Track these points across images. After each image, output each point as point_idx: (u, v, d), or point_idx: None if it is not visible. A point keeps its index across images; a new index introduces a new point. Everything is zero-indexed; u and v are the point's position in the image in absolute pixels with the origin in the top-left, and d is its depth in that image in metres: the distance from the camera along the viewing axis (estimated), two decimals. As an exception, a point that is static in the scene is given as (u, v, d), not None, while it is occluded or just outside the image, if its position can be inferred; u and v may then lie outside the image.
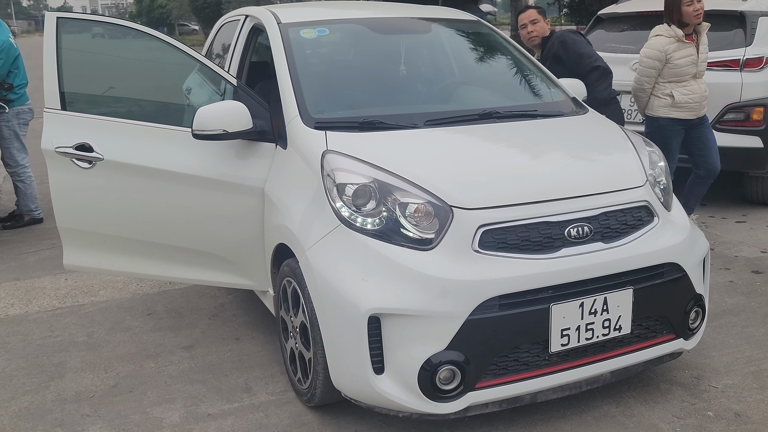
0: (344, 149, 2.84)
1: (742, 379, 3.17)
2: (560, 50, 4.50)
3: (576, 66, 4.41)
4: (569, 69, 4.38)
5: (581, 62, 4.44)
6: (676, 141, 4.82)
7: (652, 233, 2.79)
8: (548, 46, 4.61)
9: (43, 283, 4.58)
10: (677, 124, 4.75)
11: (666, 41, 4.60)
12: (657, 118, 4.79)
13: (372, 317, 2.47)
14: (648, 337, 2.84)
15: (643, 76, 4.75)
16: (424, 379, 2.48)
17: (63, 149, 3.35)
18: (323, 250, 2.67)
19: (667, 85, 4.70)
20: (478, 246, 2.53)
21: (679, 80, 4.66)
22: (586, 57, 4.46)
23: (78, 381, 3.31)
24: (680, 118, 4.72)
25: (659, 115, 4.77)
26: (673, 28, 4.59)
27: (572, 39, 4.55)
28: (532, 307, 2.54)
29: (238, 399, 3.11)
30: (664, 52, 4.60)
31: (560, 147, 3.07)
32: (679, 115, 4.71)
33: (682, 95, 4.66)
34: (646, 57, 4.68)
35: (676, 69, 4.62)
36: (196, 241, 3.45)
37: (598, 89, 4.38)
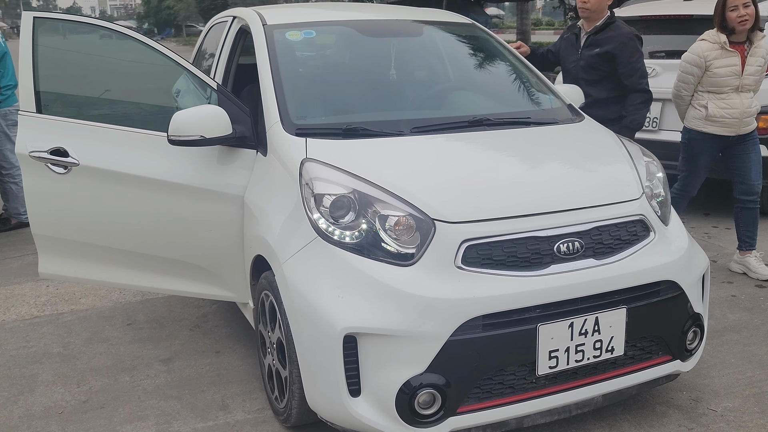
0: (324, 157, 2.70)
1: (743, 402, 3.01)
2: (619, 51, 4.07)
3: (625, 77, 4.09)
4: (610, 74, 4.11)
5: (633, 77, 4.10)
6: (704, 158, 4.41)
7: (648, 249, 2.64)
8: (607, 35, 4.11)
9: (24, 290, 4.46)
10: (710, 140, 4.34)
11: (708, 47, 4.23)
12: (690, 130, 4.43)
13: (348, 336, 2.33)
14: (642, 358, 2.68)
15: (681, 82, 4.39)
16: (402, 403, 2.34)
17: (37, 154, 3.22)
18: (299, 264, 2.53)
19: (704, 95, 4.30)
20: (462, 262, 2.39)
21: (718, 91, 4.25)
22: (640, 75, 4.12)
23: (48, 395, 3.18)
24: (713, 134, 4.30)
25: (692, 127, 4.39)
26: (718, 34, 4.22)
27: (636, 48, 4.13)
28: (519, 328, 2.39)
29: (213, 417, 2.97)
30: (704, 59, 4.22)
31: (552, 157, 2.93)
32: (712, 130, 4.29)
33: (717, 108, 4.24)
34: (685, 61, 4.33)
35: (715, 78, 4.22)
36: (174, 250, 3.31)
37: (638, 114, 4.11)
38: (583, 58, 4.21)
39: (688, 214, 5.83)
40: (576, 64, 4.26)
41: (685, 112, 4.49)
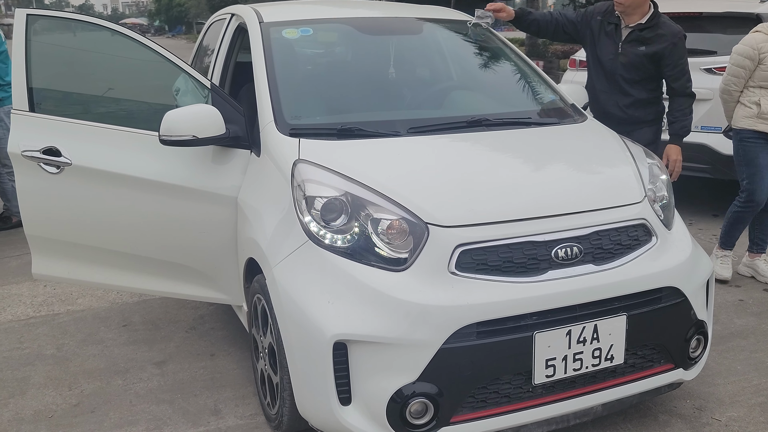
0: (317, 159, 2.63)
1: (748, 411, 2.93)
2: (668, 52, 3.76)
3: (673, 80, 3.81)
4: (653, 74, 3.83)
5: (681, 80, 3.82)
6: (764, 157, 4.13)
7: (650, 254, 2.56)
8: (655, 33, 3.76)
9: (21, 290, 4.42)
10: (763, 138, 4.12)
11: (762, 38, 4.01)
12: (740, 130, 4.19)
13: (338, 343, 2.26)
14: (644, 367, 2.60)
15: (731, 76, 4.16)
16: (394, 413, 2.27)
17: (30, 153, 3.17)
18: (290, 268, 2.47)
19: (755, 91, 4.10)
20: (455, 267, 2.31)
21: None
22: (688, 78, 3.85)
23: (39, 398, 3.13)
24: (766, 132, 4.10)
25: (742, 127, 4.16)
26: None
27: (685, 49, 3.85)
28: (514, 335, 2.31)
29: (205, 422, 2.92)
30: (758, 50, 4.00)
31: (551, 159, 2.84)
32: (765, 128, 4.09)
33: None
34: (737, 54, 4.10)
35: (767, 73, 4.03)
36: (168, 252, 3.26)
37: (687, 119, 3.86)
38: (626, 55, 3.81)
39: (695, 216, 5.74)
40: (614, 60, 3.85)
41: (733, 110, 4.27)
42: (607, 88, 3.92)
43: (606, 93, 3.93)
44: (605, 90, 3.94)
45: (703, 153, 5.39)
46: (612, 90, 3.91)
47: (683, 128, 3.91)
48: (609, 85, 3.91)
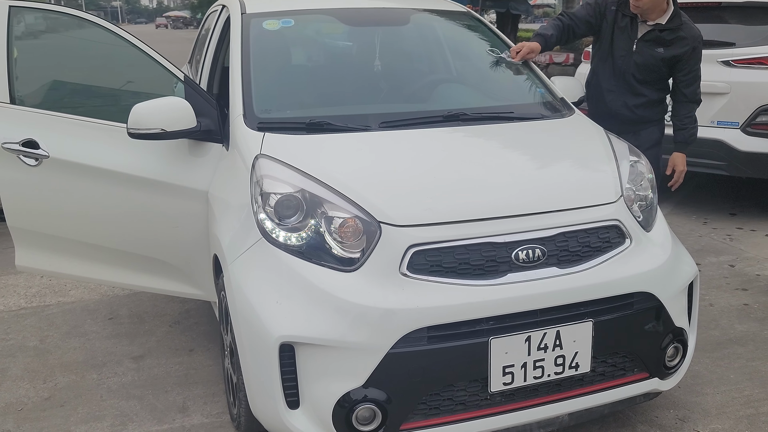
0: (279, 154, 2.56)
1: (735, 423, 2.77)
2: (687, 57, 3.56)
3: (685, 85, 3.61)
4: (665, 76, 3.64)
5: (693, 86, 3.64)
6: None
7: (621, 258, 2.42)
8: (676, 36, 3.53)
9: (18, 281, 4.45)
10: None
11: None
12: None
13: (284, 345, 2.19)
14: (615, 375, 2.47)
15: None
16: (340, 418, 2.19)
17: (9, 145, 3.17)
18: (244, 266, 2.41)
19: None
20: (407, 269, 2.21)
21: None
22: (699, 84, 3.67)
23: (13, 391, 3.14)
24: None
25: None
26: None
27: (701, 54, 3.65)
28: (468, 341, 2.21)
29: (170, 420, 2.88)
30: None
31: (524, 155, 2.72)
32: None
33: None
34: None
35: None
36: (143, 246, 3.23)
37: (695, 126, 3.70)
38: (641, 54, 3.58)
39: (711, 214, 5.52)
40: (627, 57, 3.61)
41: None
42: (614, 86, 3.67)
43: (613, 92, 3.68)
44: (612, 89, 3.68)
45: (718, 149, 5.17)
46: (620, 89, 3.66)
47: (692, 136, 3.74)
48: (617, 84, 3.66)
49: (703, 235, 5.07)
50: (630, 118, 3.68)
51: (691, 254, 4.51)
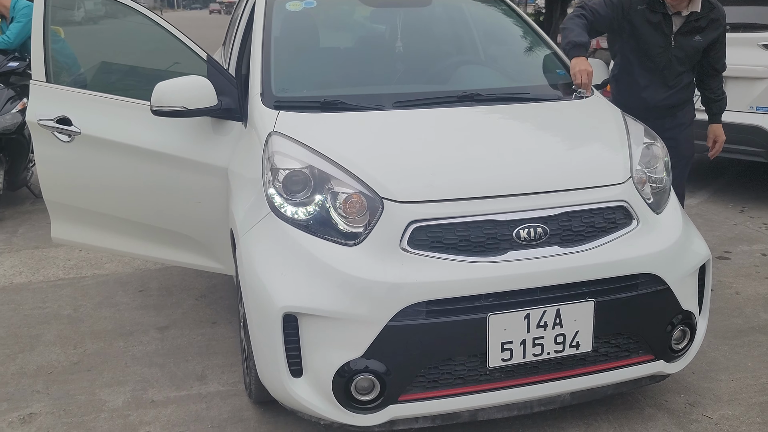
0: (291, 131, 2.62)
1: (746, 410, 2.74)
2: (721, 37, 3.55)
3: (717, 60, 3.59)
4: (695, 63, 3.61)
5: (722, 59, 3.63)
6: None
7: (626, 239, 2.42)
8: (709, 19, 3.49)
9: (58, 253, 4.65)
10: None
11: None
12: None
13: (287, 315, 2.27)
14: (618, 356, 2.47)
15: None
16: (339, 387, 2.26)
17: (45, 122, 3.32)
18: (253, 239, 2.48)
19: None
20: (408, 244, 2.26)
21: None
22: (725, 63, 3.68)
23: (45, 355, 3.30)
24: None
25: None
26: None
27: None
28: (466, 316, 2.24)
29: (188, 387, 3.00)
30: None
31: (534, 135, 2.73)
32: None
33: None
34: None
35: None
36: (167, 220, 3.35)
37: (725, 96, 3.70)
38: (681, 48, 3.50)
39: (750, 202, 5.39)
40: (665, 53, 3.51)
41: None
42: (650, 82, 3.58)
43: (650, 88, 3.59)
44: (649, 84, 3.58)
45: (757, 136, 5.05)
46: (656, 83, 3.58)
47: (725, 105, 3.76)
48: (653, 79, 3.58)
49: (738, 223, 4.96)
50: (668, 106, 3.64)
51: (723, 242, 4.48)
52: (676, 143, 3.56)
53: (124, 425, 2.74)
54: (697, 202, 5.46)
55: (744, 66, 5.02)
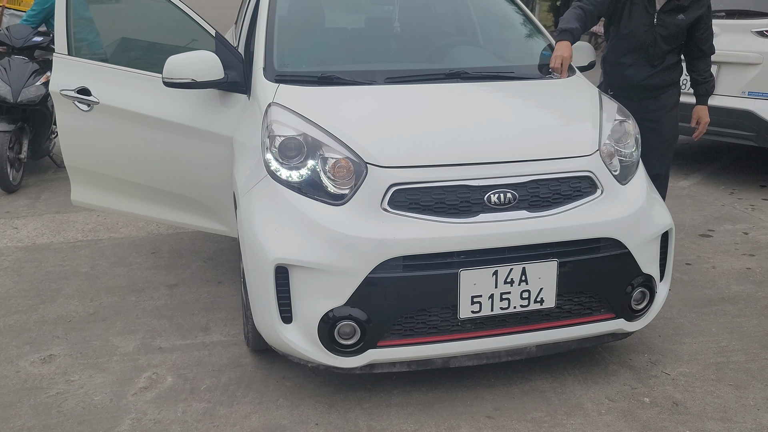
0: (288, 103, 2.86)
1: (703, 369, 2.97)
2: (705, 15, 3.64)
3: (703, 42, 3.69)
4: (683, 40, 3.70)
5: (710, 41, 3.73)
6: None
7: (590, 206, 2.64)
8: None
9: (78, 218, 4.95)
10: None
11: None
12: None
13: (279, 267, 2.52)
14: (581, 313, 2.71)
15: None
16: (324, 332, 2.52)
17: (66, 92, 3.59)
18: (251, 199, 2.74)
19: None
20: (388, 204, 2.50)
21: None
22: (713, 37, 3.77)
23: (64, 306, 3.60)
24: None
25: None
26: None
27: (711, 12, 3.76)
28: (439, 271, 2.49)
29: (193, 337, 3.28)
30: None
31: (510, 109, 2.95)
32: None
33: None
34: None
35: None
36: (177, 185, 3.62)
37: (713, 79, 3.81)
38: (665, 26, 3.60)
39: (741, 185, 5.57)
40: (649, 31, 3.62)
41: None
42: (634, 61, 3.70)
43: (633, 67, 3.71)
44: (632, 63, 3.70)
45: (748, 120, 5.21)
46: (640, 62, 3.70)
47: (712, 87, 3.88)
48: (636, 58, 3.70)
49: (726, 204, 5.15)
50: (652, 86, 3.75)
51: (708, 221, 4.69)
52: (659, 125, 3.75)
53: (134, 367, 3.02)
54: (689, 184, 5.65)
55: (737, 52, 5.19)
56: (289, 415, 2.68)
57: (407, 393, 2.80)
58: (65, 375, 2.96)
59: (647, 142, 3.73)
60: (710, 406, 2.71)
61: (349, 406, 2.72)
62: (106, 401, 2.77)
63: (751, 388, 2.83)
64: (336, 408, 2.72)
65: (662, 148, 3.80)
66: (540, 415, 2.67)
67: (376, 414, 2.68)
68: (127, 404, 2.75)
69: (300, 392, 2.82)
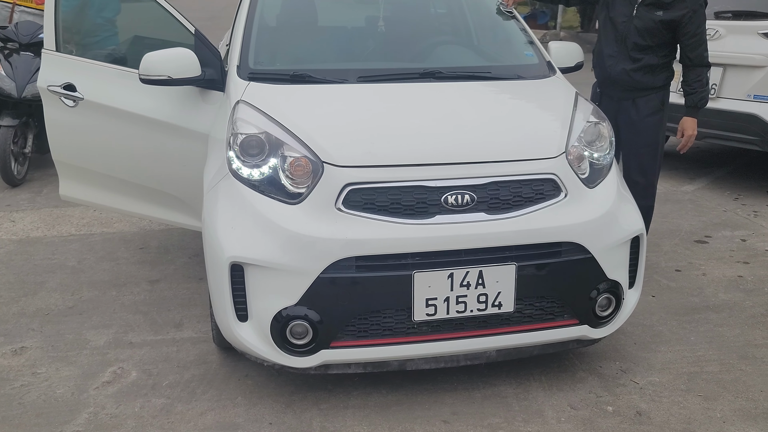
0: (255, 101, 2.86)
1: (673, 378, 2.89)
2: (688, 20, 3.53)
3: (690, 49, 3.59)
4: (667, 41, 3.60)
5: (698, 50, 3.60)
6: None
7: (552, 209, 2.59)
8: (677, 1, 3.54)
9: (74, 212, 5.01)
10: None
11: None
12: None
13: (234, 265, 2.51)
14: (543, 318, 2.66)
15: None
16: (276, 331, 2.51)
17: (53, 88, 3.64)
18: (213, 197, 2.74)
19: None
20: (343, 204, 2.48)
21: None
22: (705, 48, 3.62)
23: (45, 299, 3.64)
24: None
25: None
26: None
27: (705, 17, 3.62)
28: (393, 273, 2.46)
29: (164, 332, 3.29)
30: None
31: (477, 110, 2.90)
32: None
33: None
34: None
35: None
36: (157, 181, 3.64)
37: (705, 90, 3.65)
38: (641, 19, 3.58)
39: (747, 191, 5.43)
40: (628, 23, 3.61)
41: None
42: (615, 52, 3.66)
43: (614, 58, 3.66)
44: (613, 54, 3.66)
45: (753, 124, 5.07)
46: (620, 55, 3.64)
47: (702, 100, 3.69)
48: (618, 50, 3.65)
49: (729, 210, 5.02)
50: (629, 84, 3.66)
51: (706, 227, 4.58)
52: (636, 130, 3.67)
53: (102, 361, 3.04)
54: (693, 188, 5.52)
55: (743, 54, 5.06)
56: (244, 414, 2.67)
57: (367, 395, 2.78)
58: (33, 367, 2.99)
59: (627, 146, 3.67)
60: (674, 417, 2.64)
61: (306, 407, 2.71)
62: (68, 394, 2.79)
63: (721, 399, 2.75)
64: (293, 408, 2.70)
65: (641, 154, 3.70)
66: (497, 420, 2.62)
67: (331, 415, 2.66)
68: (87, 398, 2.77)
69: (260, 391, 2.81)
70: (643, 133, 3.67)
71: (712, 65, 3.82)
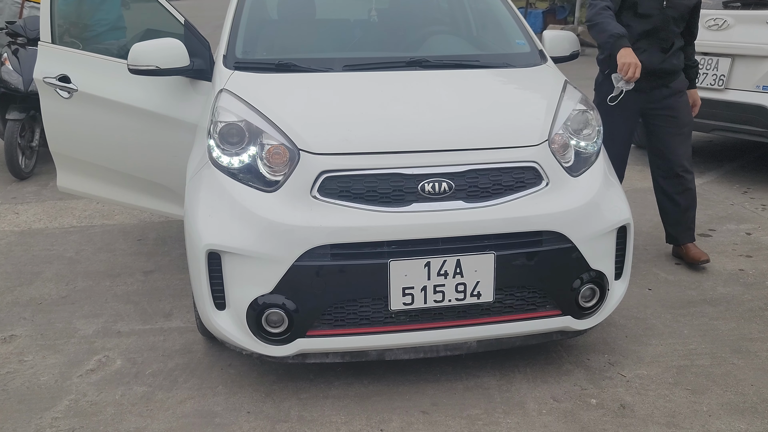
0: (239, 90, 2.84)
1: (662, 372, 2.83)
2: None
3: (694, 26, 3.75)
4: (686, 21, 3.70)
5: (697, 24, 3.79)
6: None
7: (532, 197, 2.54)
8: None
9: (77, 205, 5.06)
10: None
11: None
12: None
13: (211, 252, 2.51)
14: (524, 309, 2.61)
15: None
16: (252, 320, 2.49)
17: (49, 80, 3.66)
18: (193, 185, 2.74)
19: None
20: (318, 192, 2.46)
21: None
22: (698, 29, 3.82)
23: (40, 289, 3.68)
24: None
25: None
26: None
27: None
28: (368, 261, 2.43)
29: (153, 322, 3.30)
30: None
31: (459, 98, 2.85)
32: None
33: None
34: None
35: None
36: (150, 172, 3.66)
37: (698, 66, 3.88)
38: (675, 8, 3.57)
39: (756, 184, 5.32)
40: (661, 14, 3.55)
41: None
42: (647, 46, 3.59)
43: (647, 52, 3.58)
44: (645, 48, 3.58)
45: (762, 116, 4.94)
46: (653, 47, 3.60)
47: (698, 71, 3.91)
48: (649, 43, 3.60)
49: (736, 203, 4.91)
50: (664, 72, 3.67)
51: (712, 220, 4.50)
52: (675, 112, 3.73)
53: (88, 350, 3.06)
54: (702, 182, 5.41)
55: (752, 44, 4.94)
56: (223, 402, 2.66)
57: (348, 385, 2.76)
58: (20, 355, 3.02)
59: (667, 132, 3.74)
60: (659, 410, 2.58)
61: (286, 396, 2.70)
62: (51, 382, 2.81)
63: (708, 393, 2.68)
64: (272, 397, 2.69)
65: (683, 134, 3.78)
66: (477, 412, 2.59)
67: (310, 405, 2.64)
68: (70, 386, 2.78)
69: (241, 380, 2.80)
70: (682, 111, 3.75)
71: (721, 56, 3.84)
